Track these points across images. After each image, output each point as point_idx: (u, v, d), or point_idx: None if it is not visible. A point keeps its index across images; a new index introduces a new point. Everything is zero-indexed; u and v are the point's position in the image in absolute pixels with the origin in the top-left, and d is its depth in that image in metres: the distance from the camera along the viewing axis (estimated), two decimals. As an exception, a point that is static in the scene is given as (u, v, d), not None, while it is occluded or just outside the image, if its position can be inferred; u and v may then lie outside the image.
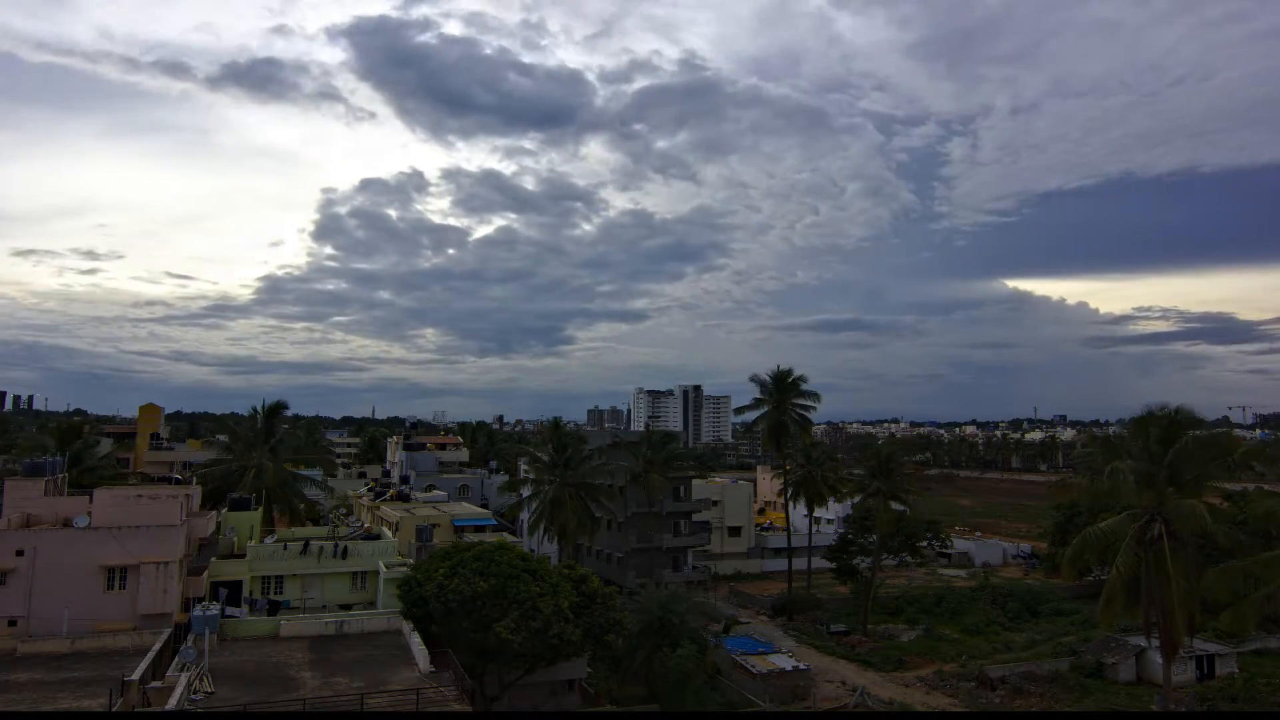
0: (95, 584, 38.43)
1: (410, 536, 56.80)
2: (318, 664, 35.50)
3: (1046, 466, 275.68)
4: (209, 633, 35.02)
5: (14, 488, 43.38)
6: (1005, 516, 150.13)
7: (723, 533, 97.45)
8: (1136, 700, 50.92)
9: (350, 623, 41.35)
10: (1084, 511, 72.53)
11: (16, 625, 37.01)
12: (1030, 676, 53.86)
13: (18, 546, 37.78)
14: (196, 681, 31.15)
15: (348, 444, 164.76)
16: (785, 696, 50.53)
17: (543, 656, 39.23)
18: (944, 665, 58.53)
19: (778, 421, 75.91)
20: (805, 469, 77.87)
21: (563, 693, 46.45)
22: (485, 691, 41.76)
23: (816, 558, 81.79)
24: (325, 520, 75.96)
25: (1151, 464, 35.99)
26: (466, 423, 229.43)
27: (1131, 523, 36.15)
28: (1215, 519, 33.88)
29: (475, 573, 39.41)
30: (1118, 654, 56.08)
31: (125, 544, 38.94)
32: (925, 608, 73.87)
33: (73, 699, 29.19)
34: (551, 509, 64.13)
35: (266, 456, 62.89)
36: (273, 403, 66.63)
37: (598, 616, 41.39)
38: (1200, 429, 38.11)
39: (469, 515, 67.09)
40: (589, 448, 72.19)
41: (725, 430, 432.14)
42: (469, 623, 38.31)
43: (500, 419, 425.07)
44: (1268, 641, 61.07)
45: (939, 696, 51.86)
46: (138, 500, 42.25)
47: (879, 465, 71.36)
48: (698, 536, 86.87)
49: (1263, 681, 51.49)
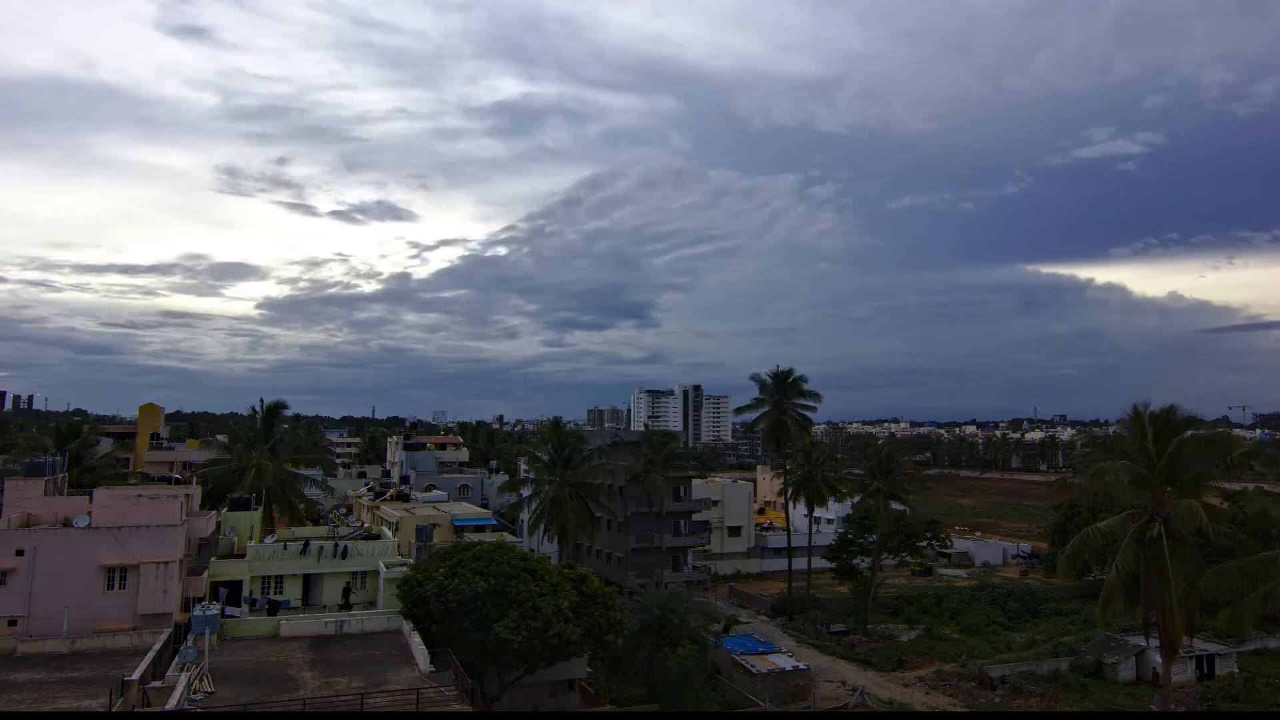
0: (95, 584, 38.47)
1: (410, 536, 56.79)
2: (318, 664, 35.52)
3: (1046, 466, 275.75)
4: (209, 633, 34.98)
5: (14, 488, 43.34)
6: (1005, 516, 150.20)
7: (723, 533, 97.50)
8: (1136, 700, 50.96)
9: (350, 623, 41.38)
10: (1084, 511, 72.58)
11: (16, 625, 37.05)
12: (1030, 676, 53.90)
13: (18, 546, 37.83)
14: (196, 681, 31.18)
15: (348, 444, 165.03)
16: (785, 696, 50.54)
17: (543, 656, 39.23)
18: (944, 665, 58.54)
19: (778, 421, 75.93)
20: (805, 469, 77.85)
21: (563, 693, 46.47)
22: (485, 691, 41.77)
23: (816, 558, 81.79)
24: (325, 520, 76.05)
25: (1149, 464, 35.99)
26: (466, 423, 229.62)
27: (1130, 523, 36.14)
28: (1214, 519, 33.81)
29: (475, 572, 39.40)
30: (1118, 654, 56.10)
31: (125, 544, 38.96)
32: (925, 608, 73.87)
33: (73, 699, 29.21)
34: (551, 509, 64.11)
35: (266, 456, 62.92)
36: (272, 402, 66.64)
37: (598, 616, 41.40)
38: (1198, 428, 38.12)
39: (469, 515, 67.08)
40: (589, 448, 72.17)
41: (725, 430, 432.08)
42: (469, 622, 38.32)
43: (500, 419, 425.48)
44: (1267, 641, 61.16)
45: (939, 696, 51.87)
46: (138, 500, 42.22)
47: (879, 465, 71.46)
48: (698, 536, 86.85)
49: (1263, 681, 51.50)
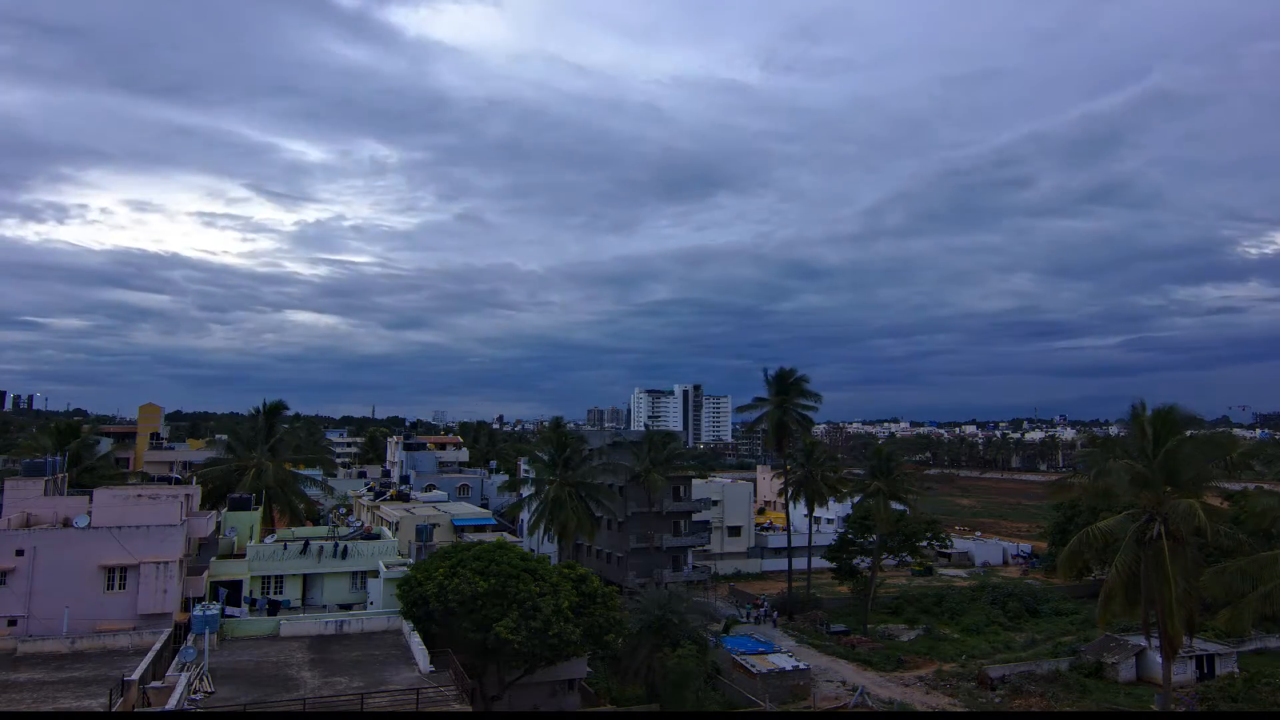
0: (95, 584, 38.46)
1: (410, 536, 56.79)
2: (318, 664, 35.53)
3: (1046, 466, 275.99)
4: (209, 633, 35.00)
5: (14, 488, 43.38)
6: (1005, 516, 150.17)
7: (723, 532, 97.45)
8: (1136, 700, 50.94)
9: (350, 622, 41.38)
10: (1084, 511, 72.57)
11: (16, 625, 37.04)
12: (1030, 676, 53.86)
13: (18, 546, 37.81)
14: (196, 681, 31.18)
15: (348, 444, 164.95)
16: (785, 696, 50.54)
17: (543, 656, 39.26)
18: (944, 665, 58.50)
19: (780, 421, 75.91)
20: (805, 469, 77.85)
21: (563, 693, 46.46)
22: (485, 691, 41.80)
23: (816, 557, 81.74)
24: (325, 520, 76.05)
25: (1148, 463, 35.99)
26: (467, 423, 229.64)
27: (1130, 522, 36.14)
28: (1214, 519, 33.83)
29: (475, 572, 39.44)
30: (1118, 654, 56.07)
31: (125, 544, 38.95)
32: (925, 607, 73.83)
33: (73, 699, 29.19)
34: (551, 509, 64.11)
35: (266, 456, 62.95)
36: (272, 402, 66.79)
37: (598, 616, 41.43)
38: (1197, 428, 38.11)
39: (469, 515, 67.01)
40: (589, 448, 72.22)
41: (725, 430, 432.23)
42: (469, 622, 38.34)
43: (500, 418, 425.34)
44: (1267, 641, 61.16)
45: (939, 696, 51.85)
46: (138, 500, 42.22)
47: (879, 465, 71.42)
48: (698, 536, 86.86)
49: (1263, 681, 51.45)
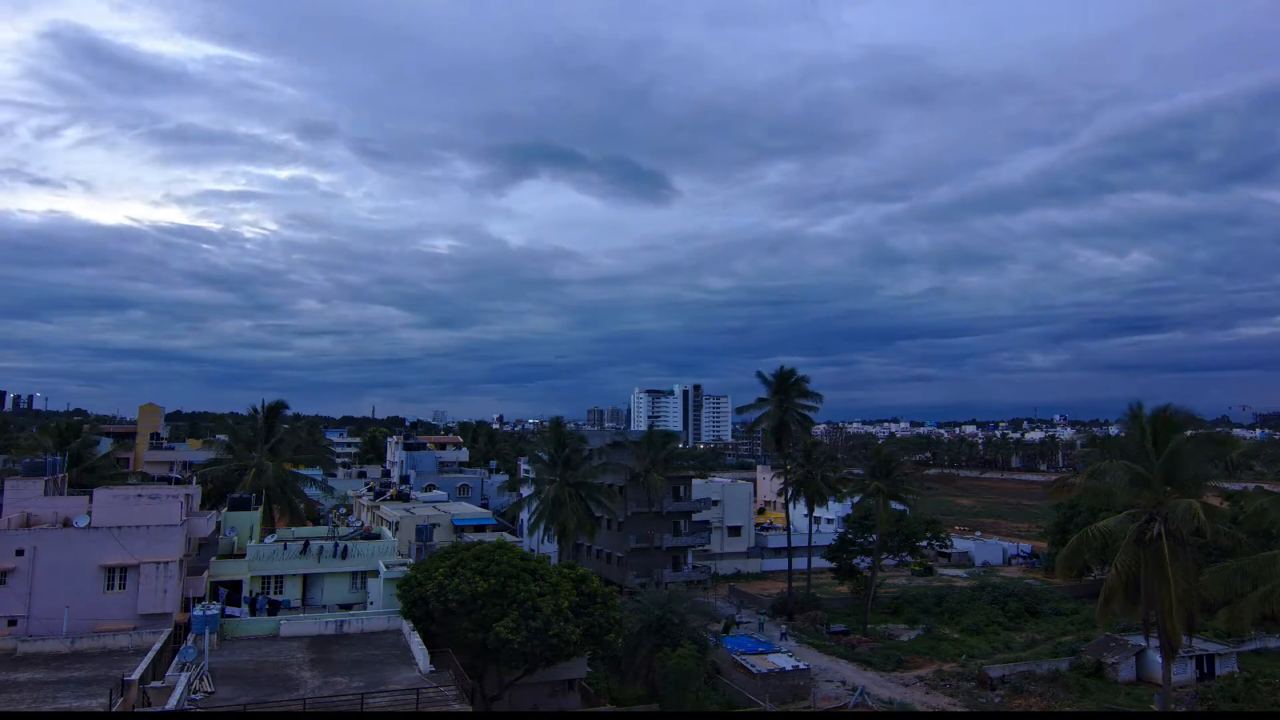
0: (95, 584, 38.47)
1: (410, 536, 56.76)
2: (318, 664, 35.53)
3: (1046, 466, 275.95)
4: (209, 633, 35.02)
5: (14, 487, 43.41)
6: (1005, 516, 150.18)
7: (723, 532, 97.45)
8: (1136, 700, 50.96)
9: (350, 623, 41.38)
10: (1084, 511, 72.58)
11: (16, 625, 37.05)
12: (1030, 676, 53.88)
13: (18, 546, 37.83)
14: (196, 681, 31.18)
15: (348, 444, 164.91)
16: (785, 696, 50.54)
17: (543, 656, 39.22)
18: (944, 665, 58.52)
19: (780, 421, 75.90)
20: (805, 469, 77.87)
21: (563, 693, 46.46)
22: (485, 691, 41.80)
23: (816, 557, 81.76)
24: (325, 520, 76.05)
25: (1147, 463, 35.98)
26: (467, 422, 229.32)
27: (1130, 522, 36.13)
28: (1214, 518, 33.80)
29: (475, 572, 39.41)
30: (1118, 654, 56.08)
31: (125, 544, 38.96)
32: (925, 607, 73.81)
33: (73, 699, 29.20)
34: (552, 509, 64.12)
35: (266, 456, 62.96)
36: (272, 402, 66.79)
37: (598, 616, 41.39)
38: (1197, 428, 38.09)
39: (469, 515, 67.02)
40: (589, 448, 72.19)
41: (725, 430, 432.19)
42: (469, 622, 38.32)
43: (500, 418, 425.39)
44: (1267, 641, 61.19)
45: (939, 696, 51.86)
46: (138, 500, 42.22)
47: (879, 465, 71.41)
48: (698, 536, 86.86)
49: (1263, 681, 51.45)
